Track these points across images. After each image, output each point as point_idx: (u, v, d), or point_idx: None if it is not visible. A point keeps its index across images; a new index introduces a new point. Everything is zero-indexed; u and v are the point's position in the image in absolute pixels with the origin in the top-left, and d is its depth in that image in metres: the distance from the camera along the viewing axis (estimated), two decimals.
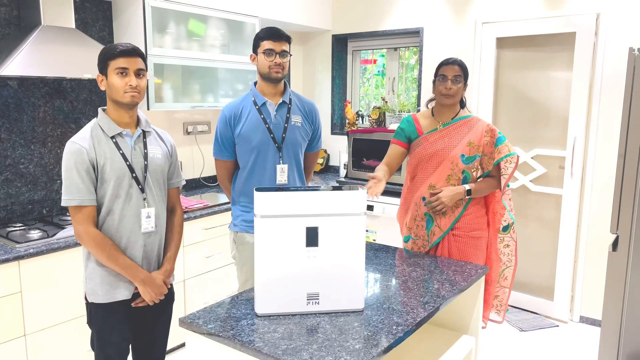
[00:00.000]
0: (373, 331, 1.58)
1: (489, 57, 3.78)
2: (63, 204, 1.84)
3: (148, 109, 3.11)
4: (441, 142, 2.40)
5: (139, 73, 1.87)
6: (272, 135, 2.29)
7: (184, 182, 2.17)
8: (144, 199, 1.94)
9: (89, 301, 1.95)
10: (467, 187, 2.37)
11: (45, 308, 2.44)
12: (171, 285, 2.12)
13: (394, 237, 3.69)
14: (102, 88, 1.89)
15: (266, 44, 2.25)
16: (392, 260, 2.26)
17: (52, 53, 2.57)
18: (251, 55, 2.33)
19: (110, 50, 1.84)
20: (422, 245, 2.50)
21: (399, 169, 3.73)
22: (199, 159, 3.86)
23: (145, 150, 1.96)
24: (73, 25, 2.78)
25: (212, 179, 3.96)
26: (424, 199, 2.43)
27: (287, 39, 2.30)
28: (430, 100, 2.51)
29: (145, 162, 1.94)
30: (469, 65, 3.85)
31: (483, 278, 2.20)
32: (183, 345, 3.16)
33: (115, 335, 1.97)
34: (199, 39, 3.40)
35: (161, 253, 2.05)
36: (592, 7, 3.36)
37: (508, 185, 2.43)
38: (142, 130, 1.97)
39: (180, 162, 3.64)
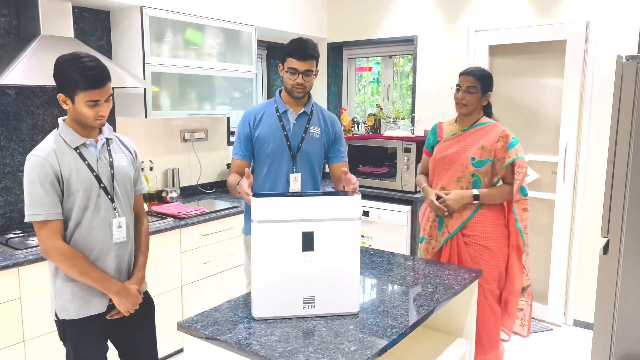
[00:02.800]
0: (368, 334, 1.61)
1: (481, 65, 3.83)
2: (27, 219, 1.76)
3: (146, 116, 3.15)
4: (456, 146, 2.47)
5: (108, 99, 1.80)
6: (288, 144, 2.30)
7: (147, 189, 2.13)
8: (114, 209, 1.89)
9: (60, 318, 1.87)
10: (475, 191, 2.40)
11: (44, 314, 2.46)
12: (147, 293, 2.08)
13: (389, 243, 3.73)
14: (65, 107, 1.79)
15: (291, 62, 2.22)
16: (387, 264, 2.30)
17: (51, 62, 2.56)
18: (279, 66, 2.32)
19: (81, 80, 1.71)
20: (435, 245, 2.54)
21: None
22: (196, 166, 3.89)
23: (111, 159, 1.90)
24: (72, 35, 2.82)
25: (209, 185, 3.99)
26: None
27: (314, 57, 2.24)
28: None
29: (112, 171, 1.89)
30: None
31: (476, 282, 2.23)
32: (181, 350, 3.18)
33: (93, 349, 1.91)
34: (196, 47, 3.45)
35: (132, 262, 1.99)
36: (582, 16, 3.42)
37: (525, 194, 2.39)
38: (106, 138, 1.91)
39: (178, 169, 3.69)
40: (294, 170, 2.32)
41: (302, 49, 2.22)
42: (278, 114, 2.32)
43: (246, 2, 3.75)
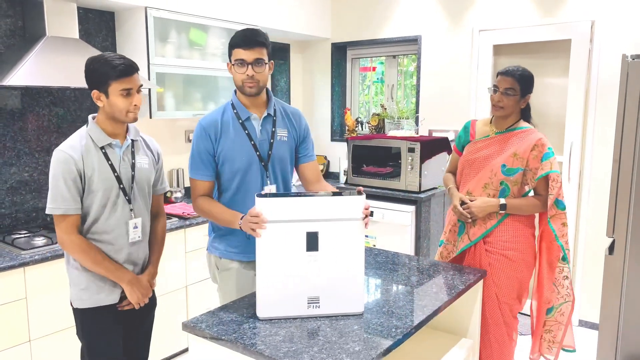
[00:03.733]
0: (372, 334, 1.61)
1: (486, 64, 3.83)
2: (48, 211, 1.84)
3: (150, 117, 3.16)
4: (487, 149, 2.32)
5: (139, 90, 1.88)
6: (257, 153, 2.04)
7: (167, 188, 2.18)
8: (131, 210, 1.94)
9: (75, 307, 1.94)
10: (502, 200, 2.26)
11: (49, 314, 2.47)
12: (153, 291, 2.10)
13: (393, 243, 3.72)
14: (100, 104, 1.85)
15: (237, 53, 1.94)
16: (392, 264, 2.29)
17: (56, 63, 2.62)
18: (227, 64, 2.02)
19: (111, 71, 1.79)
20: (451, 250, 2.45)
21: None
22: None
23: (133, 161, 1.95)
24: (77, 36, 2.83)
25: None
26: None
27: (262, 45, 1.95)
28: None
29: (133, 173, 1.94)
30: (466, 72, 3.90)
31: (481, 283, 2.23)
32: (186, 350, 3.19)
33: (105, 340, 1.96)
34: (200, 48, 3.45)
35: (145, 260, 2.06)
36: (587, 15, 3.41)
37: (562, 208, 2.27)
38: (131, 139, 1.96)
39: (183, 170, 3.69)
40: (268, 180, 2.08)
41: (248, 35, 1.94)
42: (240, 121, 2.03)
43: (250, 2, 3.76)
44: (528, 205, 2.30)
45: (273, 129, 2.09)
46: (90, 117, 1.92)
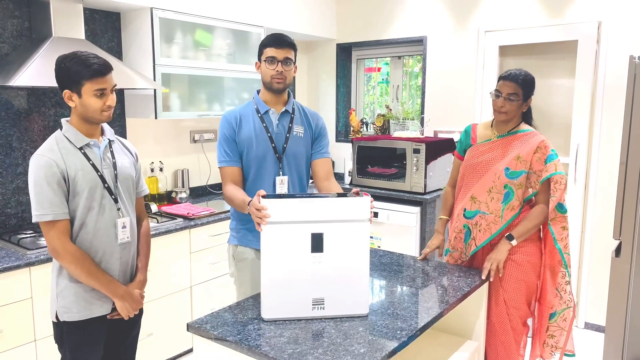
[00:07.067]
0: (377, 336, 1.61)
1: (491, 65, 3.81)
2: (35, 220, 1.76)
3: (156, 117, 3.17)
4: (489, 153, 2.30)
5: (113, 90, 1.84)
6: (273, 145, 2.19)
7: (147, 191, 2.13)
8: (118, 209, 1.90)
9: (61, 320, 1.86)
10: (506, 237, 2.23)
11: None
12: None
13: (398, 244, 3.72)
14: (71, 104, 1.80)
15: (269, 52, 2.14)
16: (397, 266, 2.29)
17: None
18: (256, 63, 2.24)
19: (85, 70, 1.74)
20: (458, 257, 2.41)
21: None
22: (205, 167, 3.91)
23: (114, 160, 1.91)
24: (83, 36, 2.84)
25: (219, 186, 4.00)
26: (464, 211, 2.34)
27: (291, 46, 2.16)
28: None
29: (115, 172, 1.90)
30: (471, 73, 3.89)
31: (487, 285, 2.22)
32: (191, 351, 3.19)
33: (90, 353, 1.92)
34: (205, 48, 3.46)
35: (135, 263, 2.01)
36: (593, 16, 3.40)
37: (563, 211, 2.23)
38: (108, 139, 1.93)
39: (188, 170, 3.70)
40: (280, 172, 2.21)
41: (280, 37, 2.15)
42: (259, 114, 2.20)
43: (255, 3, 3.76)
44: (534, 219, 2.25)
45: (290, 125, 2.24)
46: (63, 120, 1.86)
